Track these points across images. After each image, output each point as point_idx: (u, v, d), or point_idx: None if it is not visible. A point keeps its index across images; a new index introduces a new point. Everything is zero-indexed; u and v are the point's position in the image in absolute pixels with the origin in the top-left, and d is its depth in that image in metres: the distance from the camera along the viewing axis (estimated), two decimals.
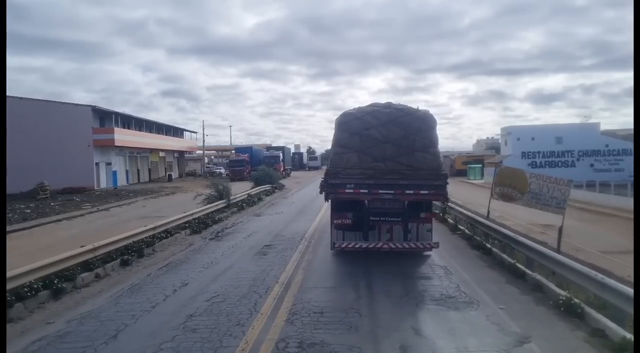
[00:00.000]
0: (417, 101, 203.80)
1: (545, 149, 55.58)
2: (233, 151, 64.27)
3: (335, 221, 11.98)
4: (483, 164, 63.60)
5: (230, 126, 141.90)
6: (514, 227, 19.21)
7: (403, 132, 11.61)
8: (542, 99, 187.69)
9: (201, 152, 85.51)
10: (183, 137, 68.29)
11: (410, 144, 11.54)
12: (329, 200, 12.01)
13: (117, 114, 45.73)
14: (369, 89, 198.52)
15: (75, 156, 41.37)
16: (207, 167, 77.08)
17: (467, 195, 36.98)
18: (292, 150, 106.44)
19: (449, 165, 71.20)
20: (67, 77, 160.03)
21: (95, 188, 42.48)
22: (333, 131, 12.72)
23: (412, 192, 11.07)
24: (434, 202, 13.31)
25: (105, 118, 44.88)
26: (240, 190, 34.24)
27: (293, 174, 69.91)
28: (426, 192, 11.20)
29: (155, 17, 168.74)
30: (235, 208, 23.58)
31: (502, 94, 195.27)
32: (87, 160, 42.15)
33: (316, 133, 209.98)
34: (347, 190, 11.20)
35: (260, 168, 38.22)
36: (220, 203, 22.50)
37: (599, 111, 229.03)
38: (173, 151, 63.32)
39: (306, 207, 24.26)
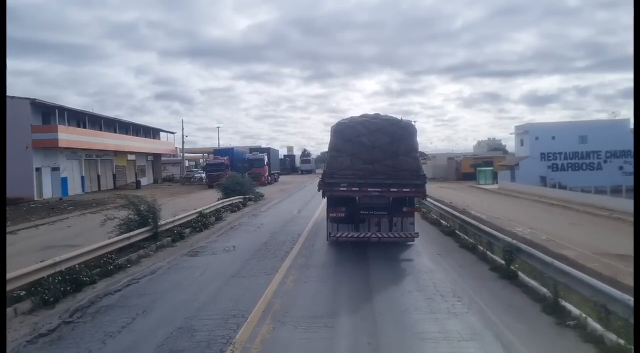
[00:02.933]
0: (411, 103, 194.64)
1: (567, 149, 47.31)
2: (211, 153, 55.32)
3: (330, 215, 13.04)
4: (492, 167, 55.41)
5: (218, 127, 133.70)
6: (579, 261, 12.07)
7: (388, 139, 12.71)
8: (537, 100, 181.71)
9: (187, 154, 77.02)
10: (159, 138, 59.58)
11: (394, 149, 12.62)
12: (326, 197, 13.14)
13: (63, 109, 37.03)
14: (364, 92, 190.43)
15: (11, 160, 32.56)
16: (190, 171, 68.54)
17: (492, 207, 28.80)
18: (285, 152, 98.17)
19: (454, 168, 62.85)
20: (59, 80, 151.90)
21: (36, 198, 33.89)
22: (329, 135, 13.91)
23: (396, 189, 12.33)
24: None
25: (50, 114, 36.26)
26: (203, 202, 25.82)
27: (282, 178, 61.37)
28: (408, 189, 12.44)
29: (146, 20, 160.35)
30: (169, 239, 15.09)
31: (497, 96, 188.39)
32: (24, 164, 33.56)
33: (312, 136, 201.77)
34: (341, 188, 12.41)
35: (231, 174, 29.71)
36: (141, 233, 14.00)
37: (593, 112, 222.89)
38: (146, 154, 54.60)
39: (277, 235, 15.72)
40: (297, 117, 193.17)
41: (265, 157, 47.34)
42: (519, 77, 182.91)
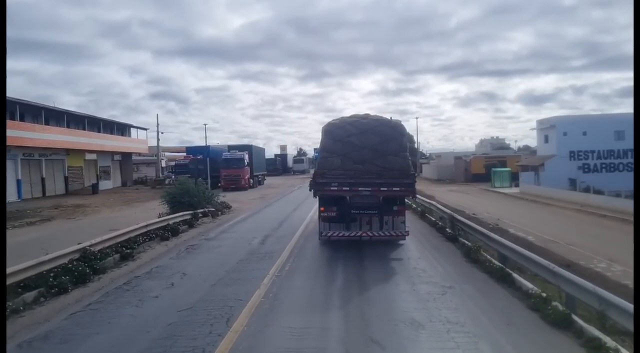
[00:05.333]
0: (408, 103, 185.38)
1: (601, 147, 38.96)
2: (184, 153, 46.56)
3: (322, 214, 12.71)
4: (506, 167, 47.24)
5: (205, 124, 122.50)
6: None
7: (378, 139, 12.48)
8: (533, 100, 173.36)
9: (167, 153, 68.54)
10: (129, 135, 50.97)
11: (384, 149, 12.39)
12: (317, 197, 12.72)
13: None
14: (360, 91, 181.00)
15: None
16: (170, 172, 59.87)
17: (530, 221, 20.96)
18: (278, 151, 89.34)
19: (463, 169, 54.39)
20: (53, 80, 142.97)
21: None
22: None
23: (386, 189, 12.06)
24: None
25: None
26: (151, 215, 17.75)
27: (270, 180, 52.93)
28: (398, 189, 12.15)
29: (139, 19, 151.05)
30: None
31: (493, 95, 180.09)
32: None
33: (308, 135, 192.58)
34: (332, 188, 12.16)
35: (180, 179, 21.23)
36: None
37: (590, 112, 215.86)
38: (112, 152, 45.99)
39: (182, 321, 7.10)
40: (293, 116, 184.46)
41: (246, 156, 38.66)
42: (515, 76, 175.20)
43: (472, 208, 26.99)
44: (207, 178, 27.61)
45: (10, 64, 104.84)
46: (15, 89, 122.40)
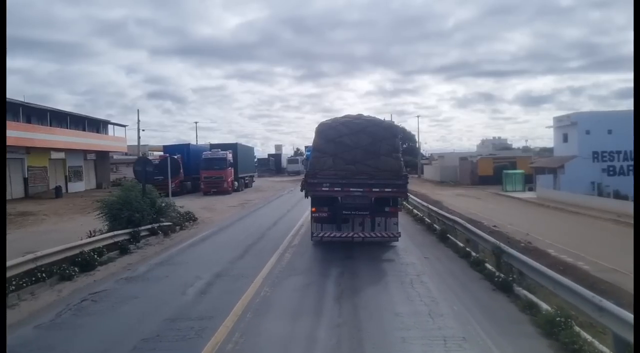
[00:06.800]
0: (405, 103, 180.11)
1: (629, 147, 33.97)
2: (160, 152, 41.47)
3: (314, 215, 12.49)
4: (517, 168, 42.50)
5: (196, 122, 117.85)
6: None
7: (371, 139, 12.37)
8: (531, 101, 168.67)
9: (155, 152, 63.44)
10: (106, 132, 45.88)
11: (376, 149, 12.27)
12: (309, 197, 12.43)
13: None
14: (357, 91, 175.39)
15: None
16: None
17: (573, 240, 16.79)
18: (273, 151, 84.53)
19: (469, 170, 49.44)
20: (50, 78, 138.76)
21: None
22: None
23: (377, 189, 11.91)
24: None
25: None
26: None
27: (261, 182, 48.03)
28: (389, 190, 12.02)
29: (135, 17, 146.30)
30: None
31: (491, 96, 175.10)
32: None
33: (306, 135, 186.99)
34: (323, 188, 11.95)
35: (124, 185, 16.34)
36: None
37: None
38: (84, 151, 40.91)
39: None
40: (291, 116, 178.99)
41: (229, 156, 33.57)
42: (513, 77, 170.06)
43: (489, 217, 22.18)
44: (168, 183, 22.69)
45: (7, 62, 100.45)
46: (11, 88, 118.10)
